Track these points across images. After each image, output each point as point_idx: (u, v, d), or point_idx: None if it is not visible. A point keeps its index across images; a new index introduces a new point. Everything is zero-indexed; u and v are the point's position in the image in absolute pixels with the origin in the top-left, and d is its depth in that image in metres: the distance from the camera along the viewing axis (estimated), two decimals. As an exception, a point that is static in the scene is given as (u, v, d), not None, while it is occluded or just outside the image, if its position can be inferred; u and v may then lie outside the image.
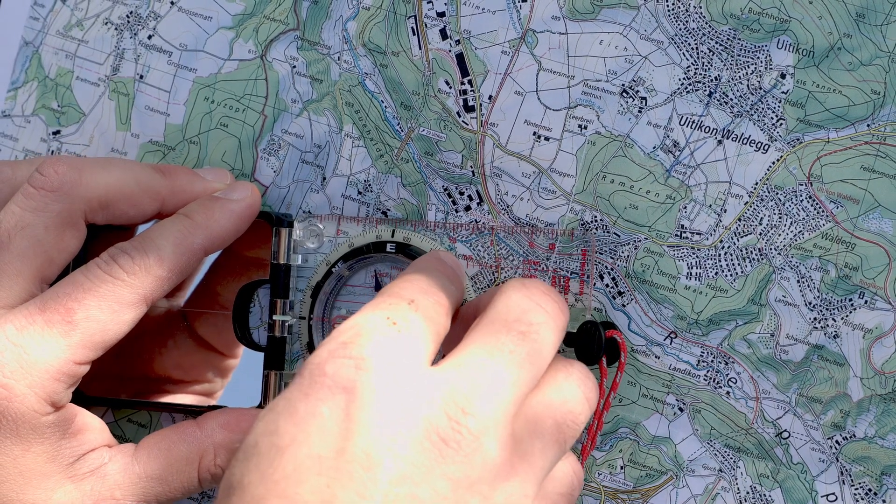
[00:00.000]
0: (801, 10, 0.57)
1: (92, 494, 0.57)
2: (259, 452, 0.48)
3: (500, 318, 0.53)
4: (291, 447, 0.48)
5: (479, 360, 0.51)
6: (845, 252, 0.57)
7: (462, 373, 0.50)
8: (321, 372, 0.49)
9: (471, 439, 0.49)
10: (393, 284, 0.54)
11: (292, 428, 0.48)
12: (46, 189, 0.57)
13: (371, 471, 0.47)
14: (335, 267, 0.60)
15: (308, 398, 0.49)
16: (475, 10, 0.60)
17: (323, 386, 0.49)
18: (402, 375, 0.49)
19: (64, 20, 0.65)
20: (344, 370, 0.49)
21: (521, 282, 0.54)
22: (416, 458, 0.48)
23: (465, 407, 0.49)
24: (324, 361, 0.49)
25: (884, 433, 0.57)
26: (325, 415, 0.48)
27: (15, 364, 0.55)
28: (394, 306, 0.52)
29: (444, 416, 0.49)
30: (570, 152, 0.59)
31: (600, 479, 0.59)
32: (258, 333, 0.62)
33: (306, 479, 0.47)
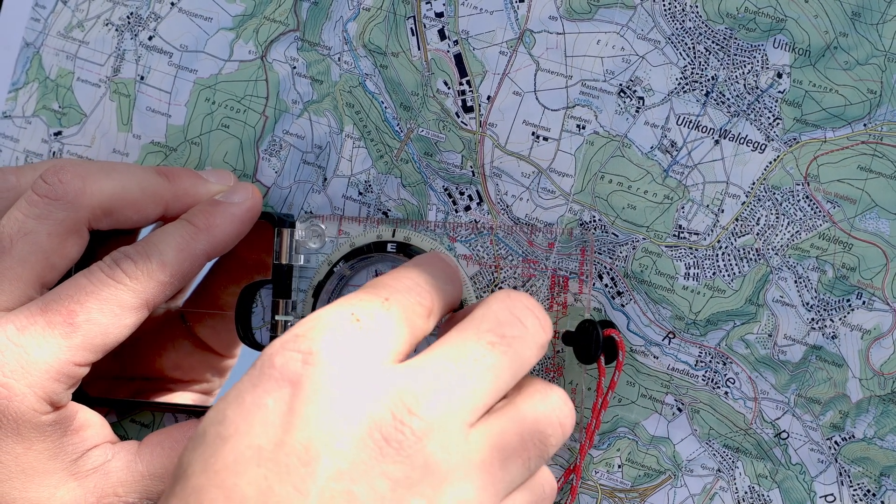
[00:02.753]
0: (797, 9, 0.60)
1: (95, 491, 0.60)
2: (205, 441, 0.51)
3: (474, 325, 0.55)
4: (234, 437, 0.50)
5: (440, 362, 0.53)
6: (842, 252, 0.60)
7: (418, 374, 0.52)
8: (270, 364, 0.52)
9: (413, 440, 0.51)
10: (379, 278, 0.56)
11: (237, 418, 0.51)
12: (50, 197, 0.60)
13: (309, 465, 0.50)
14: (336, 267, 0.63)
15: (255, 389, 0.51)
16: (473, 11, 0.63)
17: (270, 378, 0.51)
18: (351, 372, 0.51)
19: (65, 21, 0.68)
20: (292, 363, 0.52)
21: (506, 292, 0.56)
22: (355, 455, 0.50)
23: (411, 407, 0.51)
24: (274, 353, 0.52)
25: (883, 434, 0.59)
26: (270, 406, 0.51)
27: (15, 364, 0.58)
28: (364, 302, 0.54)
29: (389, 415, 0.51)
30: (568, 152, 0.62)
31: (597, 477, 0.62)
32: (260, 334, 0.65)
33: (245, 471, 0.50)
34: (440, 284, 0.57)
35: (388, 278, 0.56)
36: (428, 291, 0.56)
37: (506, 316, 0.55)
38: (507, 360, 0.54)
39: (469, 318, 0.55)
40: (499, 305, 0.55)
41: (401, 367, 0.53)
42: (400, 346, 0.54)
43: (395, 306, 0.54)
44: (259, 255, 0.67)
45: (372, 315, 0.54)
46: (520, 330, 0.55)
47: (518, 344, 0.55)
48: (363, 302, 0.54)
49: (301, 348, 0.52)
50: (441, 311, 0.57)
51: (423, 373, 0.53)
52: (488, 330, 0.54)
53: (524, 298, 0.56)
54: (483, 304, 0.56)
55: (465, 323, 0.55)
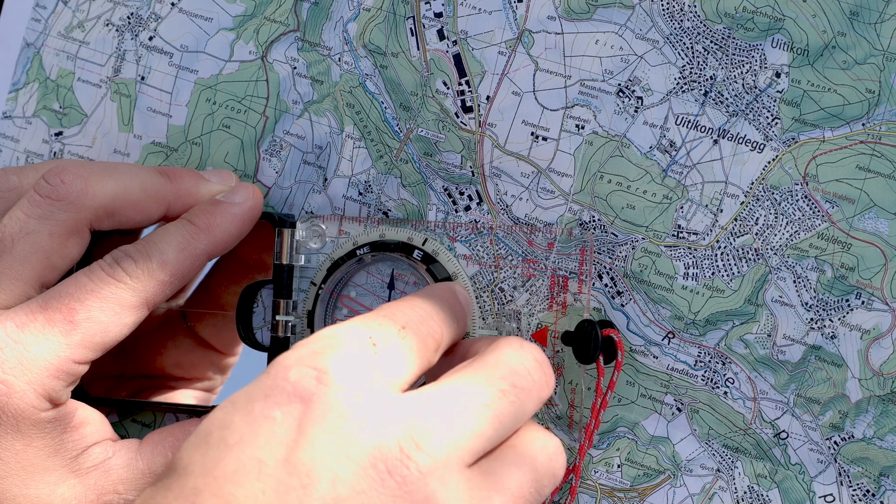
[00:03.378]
0: (795, 9, 0.60)
1: (95, 488, 0.61)
2: (208, 443, 0.52)
3: (487, 369, 0.55)
4: (238, 446, 0.51)
5: (450, 401, 0.54)
6: (841, 252, 0.60)
7: (428, 408, 0.53)
8: (284, 377, 0.52)
9: (417, 476, 0.52)
10: (396, 303, 0.57)
11: (244, 426, 0.51)
12: (52, 198, 0.61)
13: (307, 488, 0.50)
14: (337, 267, 0.64)
15: (266, 400, 0.52)
16: (472, 11, 0.64)
17: (283, 391, 0.52)
18: (362, 398, 0.52)
19: (65, 22, 0.69)
20: (305, 380, 0.52)
21: (519, 342, 0.57)
22: (355, 483, 0.51)
23: (419, 442, 0.52)
24: (290, 366, 0.53)
25: (882, 434, 0.60)
26: (278, 419, 0.51)
27: (15, 361, 0.59)
28: (383, 327, 0.55)
29: (397, 448, 0.52)
30: (567, 152, 0.63)
31: (597, 476, 0.63)
32: (261, 333, 0.66)
33: (244, 483, 0.50)
34: (450, 321, 0.58)
35: (406, 306, 0.57)
36: (440, 325, 0.57)
37: (518, 366, 0.56)
38: (514, 409, 0.55)
39: (482, 360, 0.56)
40: (512, 355, 0.56)
41: (411, 399, 0.53)
42: (409, 376, 0.55)
43: (410, 336, 0.55)
44: (260, 255, 0.68)
45: (388, 341, 0.54)
46: (529, 383, 0.56)
47: (525, 396, 0.56)
48: (381, 327, 0.55)
49: (317, 366, 0.52)
50: (446, 347, 0.58)
51: (434, 408, 0.53)
52: (501, 377, 0.55)
53: (536, 351, 0.57)
54: (496, 349, 0.56)
55: (478, 365, 0.56)
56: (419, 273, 0.63)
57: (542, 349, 0.59)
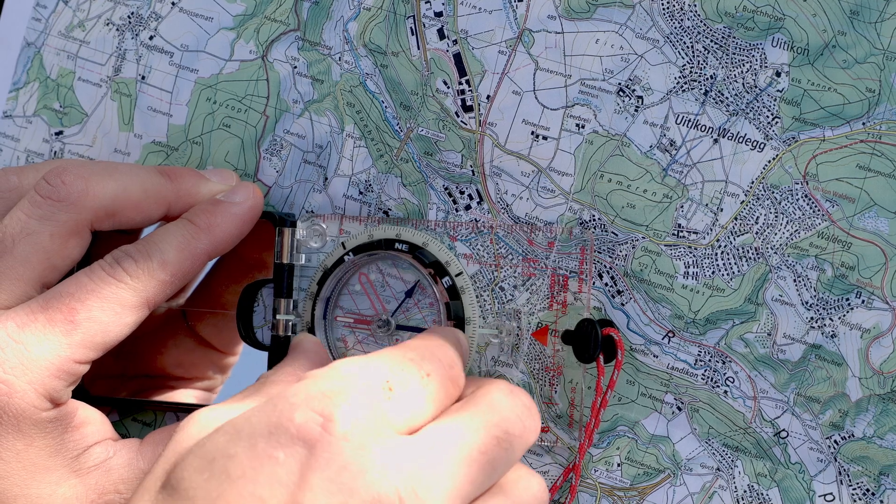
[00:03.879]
0: (796, 8, 0.61)
1: (96, 488, 0.61)
2: (212, 471, 0.52)
3: (481, 416, 0.56)
4: (241, 480, 0.51)
5: (448, 450, 0.54)
6: (841, 251, 0.61)
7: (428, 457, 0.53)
8: (290, 416, 0.52)
9: None
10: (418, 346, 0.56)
11: (247, 461, 0.51)
12: (53, 199, 0.62)
13: None
14: (336, 266, 0.65)
15: (269, 438, 0.52)
16: (472, 10, 0.64)
17: (287, 432, 0.52)
18: (366, 448, 0.52)
19: (66, 21, 0.70)
20: (311, 424, 0.52)
21: (509, 388, 0.57)
22: None
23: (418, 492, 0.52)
24: (296, 405, 0.52)
25: (882, 433, 0.60)
26: (280, 460, 0.51)
27: (16, 360, 0.59)
28: (405, 372, 0.55)
29: (396, 498, 0.52)
30: (568, 151, 0.63)
31: (597, 475, 0.63)
32: (262, 333, 0.66)
33: None
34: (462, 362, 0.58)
35: (427, 350, 0.56)
36: (461, 372, 0.57)
37: (511, 414, 0.56)
38: (507, 456, 0.56)
39: (475, 405, 0.56)
40: (504, 401, 0.56)
41: (412, 447, 0.53)
42: (420, 422, 0.55)
43: (433, 384, 0.55)
44: (260, 254, 0.68)
45: (407, 387, 0.54)
46: (520, 429, 0.56)
47: (517, 442, 0.56)
48: (404, 372, 0.55)
49: (323, 411, 0.52)
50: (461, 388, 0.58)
51: (434, 457, 0.53)
52: (495, 424, 0.55)
53: (525, 397, 0.57)
54: (488, 394, 0.57)
55: (472, 410, 0.56)
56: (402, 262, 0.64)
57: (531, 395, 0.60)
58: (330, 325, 0.65)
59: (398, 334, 0.64)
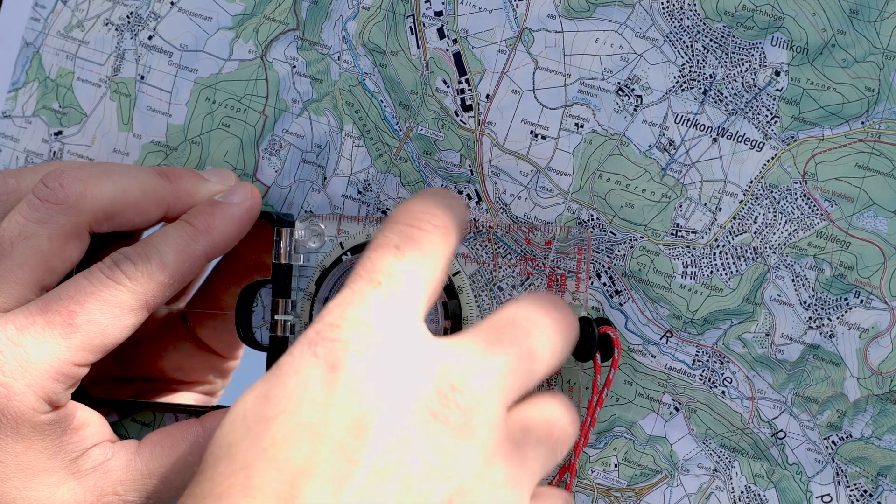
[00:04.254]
0: (795, 7, 0.61)
1: (94, 490, 0.62)
2: (247, 423, 0.53)
3: (507, 317, 0.57)
4: (282, 416, 0.53)
5: (478, 346, 0.55)
6: (840, 251, 0.61)
7: (458, 353, 0.55)
8: (313, 353, 0.54)
9: (458, 414, 0.53)
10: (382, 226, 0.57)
11: (282, 399, 0.53)
12: (51, 201, 0.62)
13: (360, 438, 0.52)
14: (331, 270, 0.65)
15: (298, 374, 0.53)
16: (472, 9, 0.64)
17: (315, 365, 0.53)
18: (393, 349, 0.54)
19: (65, 21, 0.70)
20: (333, 352, 0.53)
21: (536, 293, 0.59)
22: (403, 428, 0.52)
23: (455, 384, 0.54)
24: (312, 342, 0.54)
25: (880, 433, 0.61)
26: (316, 389, 0.53)
27: (15, 363, 0.60)
28: (379, 262, 0.55)
29: (434, 391, 0.53)
30: (567, 151, 0.63)
31: (594, 476, 0.63)
32: (261, 333, 0.67)
33: (296, 445, 0.52)
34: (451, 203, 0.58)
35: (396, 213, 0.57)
36: (439, 210, 0.57)
37: (536, 308, 0.57)
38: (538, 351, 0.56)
39: (500, 311, 0.57)
40: (529, 300, 0.57)
41: (441, 344, 0.55)
42: (425, 297, 0.56)
43: (408, 253, 0.56)
44: (259, 254, 0.68)
45: (391, 275, 0.55)
46: (549, 322, 0.57)
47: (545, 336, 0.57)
48: (378, 262, 0.55)
49: (340, 337, 0.54)
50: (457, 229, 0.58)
51: (464, 352, 0.55)
52: (523, 318, 0.56)
53: (552, 296, 0.58)
54: (514, 301, 0.58)
55: (497, 314, 0.57)
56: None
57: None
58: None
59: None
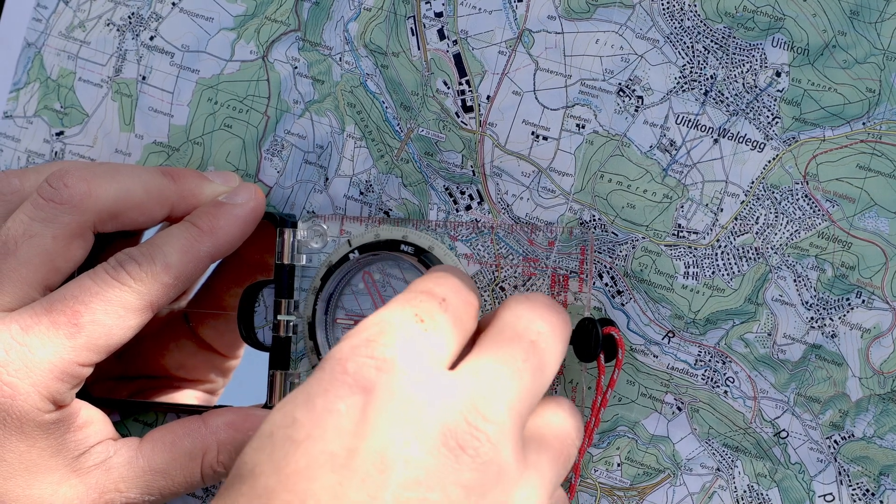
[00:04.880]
0: (796, 8, 0.61)
1: (97, 487, 0.62)
2: (273, 443, 0.52)
3: (509, 329, 0.57)
4: (307, 442, 0.52)
5: (493, 368, 0.56)
6: (842, 251, 0.61)
7: (479, 380, 0.55)
8: (342, 369, 0.53)
9: (489, 447, 0.53)
10: (423, 280, 0.58)
11: (309, 423, 0.52)
12: (55, 201, 0.62)
13: (384, 473, 0.51)
14: (338, 267, 0.65)
15: (327, 394, 0.53)
16: (472, 11, 0.65)
17: (343, 384, 0.53)
18: (423, 378, 0.54)
19: (66, 21, 0.70)
20: (365, 370, 0.53)
21: (524, 295, 0.59)
22: (430, 463, 0.52)
23: (485, 414, 0.54)
24: (345, 358, 0.54)
25: (882, 433, 0.61)
26: (343, 412, 0.52)
27: (20, 363, 0.60)
28: (424, 303, 0.56)
29: (463, 422, 0.53)
30: (568, 151, 0.64)
31: (596, 475, 0.64)
32: (263, 333, 0.67)
33: (319, 476, 0.51)
34: (473, 287, 0.59)
35: (433, 280, 0.58)
36: (470, 292, 0.58)
37: (532, 315, 0.58)
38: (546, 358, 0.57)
39: (499, 322, 0.57)
40: (523, 307, 0.58)
41: (461, 373, 0.55)
42: (456, 348, 0.56)
43: (451, 307, 0.57)
44: (261, 255, 0.69)
45: (434, 318, 0.56)
46: (548, 327, 0.58)
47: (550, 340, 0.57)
48: (423, 304, 0.56)
49: (374, 354, 0.53)
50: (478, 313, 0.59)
51: (483, 378, 0.55)
52: (525, 329, 0.57)
53: (542, 296, 0.59)
54: (507, 309, 0.58)
55: (497, 327, 0.57)
56: (416, 268, 0.64)
57: None
58: (331, 325, 0.66)
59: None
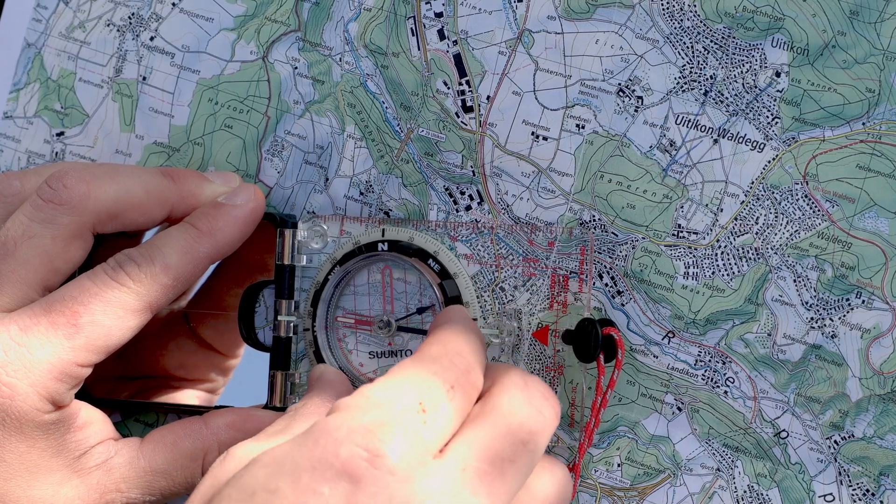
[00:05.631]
0: (795, 8, 0.62)
1: (98, 487, 0.62)
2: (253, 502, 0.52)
3: (503, 422, 0.57)
4: None
5: (481, 466, 0.55)
6: (841, 251, 0.62)
7: (464, 476, 0.55)
8: (335, 452, 0.53)
9: None
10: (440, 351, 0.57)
11: (291, 496, 0.52)
12: (55, 202, 0.63)
13: None
14: (337, 267, 0.66)
15: (314, 472, 0.53)
16: (472, 11, 0.65)
17: (331, 467, 0.53)
18: (410, 476, 0.53)
19: (66, 22, 0.71)
20: (356, 460, 0.53)
21: (523, 380, 0.58)
22: None
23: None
24: (340, 441, 0.53)
25: (882, 433, 0.62)
26: (326, 495, 0.52)
27: (18, 363, 0.61)
28: (433, 390, 0.56)
29: None
30: (568, 152, 0.64)
31: (597, 475, 0.64)
32: (263, 334, 0.67)
33: None
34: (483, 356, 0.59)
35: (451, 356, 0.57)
36: (480, 372, 0.58)
37: (530, 411, 0.57)
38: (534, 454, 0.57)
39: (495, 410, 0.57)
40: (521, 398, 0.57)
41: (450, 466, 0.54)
42: (452, 433, 0.56)
43: (458, 396, 0.56)
44: (262, 255, 0.69)
45: (438, 406, 0.55)
46: (542, 424, 0.57)
47: (541, 438, 0.57)
48: (432, 390, 0.55)
49: (369, 446, 0.53)
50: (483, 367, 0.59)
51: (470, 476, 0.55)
52: (518, 428, 0.56)
53: (539, 386, 0.58)
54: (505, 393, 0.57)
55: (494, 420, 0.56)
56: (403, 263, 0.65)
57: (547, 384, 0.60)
58: (331, 325, 0.66)
59: (399, 335, 0.65)
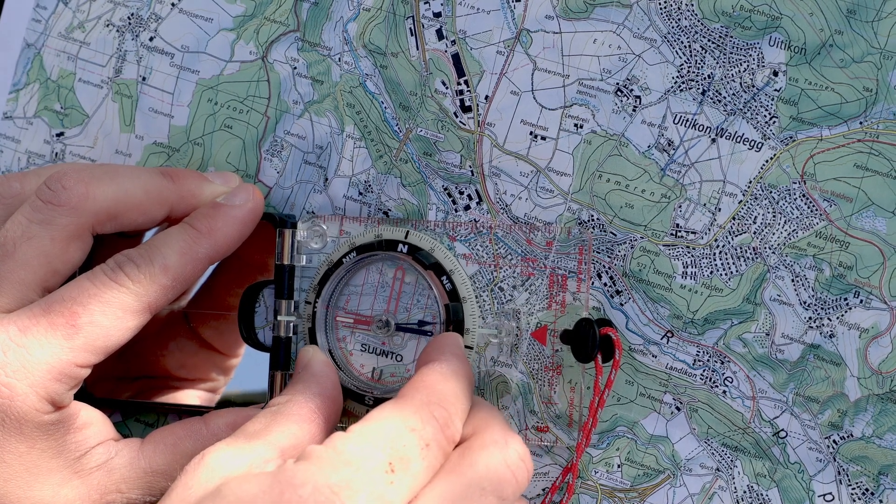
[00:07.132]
0: (793, 7, 0.62)
1: (98, 488, 0.63)
2: None
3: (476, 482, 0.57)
4: None
5: None
6: (839, 251, 0.62)
7: None
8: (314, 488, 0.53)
9: None
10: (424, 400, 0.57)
11: None
12: (54, 203, 0.63)
13: None
14: (337, 267, 0.66)
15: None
16: (470, 11, 0.66)
17: None
18: None
19: (66, 22, 0.72)
20: None
21: (504, 438, 0.58)
22: None
23: None
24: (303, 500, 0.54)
25: (881, 433, 0.62)
26: None
27: (17, 364, 0.61)
28: (406, 449, 0.56)
29: None
30: (566, 151, 0.65)
31: (597, 477, 0.65)
32: (263, 334, 0.68)
33: None
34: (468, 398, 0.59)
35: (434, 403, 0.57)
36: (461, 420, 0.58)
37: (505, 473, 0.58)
38: None
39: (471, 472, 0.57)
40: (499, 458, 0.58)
41: None
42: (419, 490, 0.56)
43: (432, 454, 0.57)
44: (261, 255, 0.70)
45: (408, 466, 0.56)
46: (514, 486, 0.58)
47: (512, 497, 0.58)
48: (404, 449, 0.56)
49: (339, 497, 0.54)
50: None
51: None
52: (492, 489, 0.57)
53: (517, 447, 0.58)
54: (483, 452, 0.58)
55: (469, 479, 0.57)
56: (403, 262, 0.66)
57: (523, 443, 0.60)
58: (330, 324, 0.67)
59: (398, 335, 0.66)
